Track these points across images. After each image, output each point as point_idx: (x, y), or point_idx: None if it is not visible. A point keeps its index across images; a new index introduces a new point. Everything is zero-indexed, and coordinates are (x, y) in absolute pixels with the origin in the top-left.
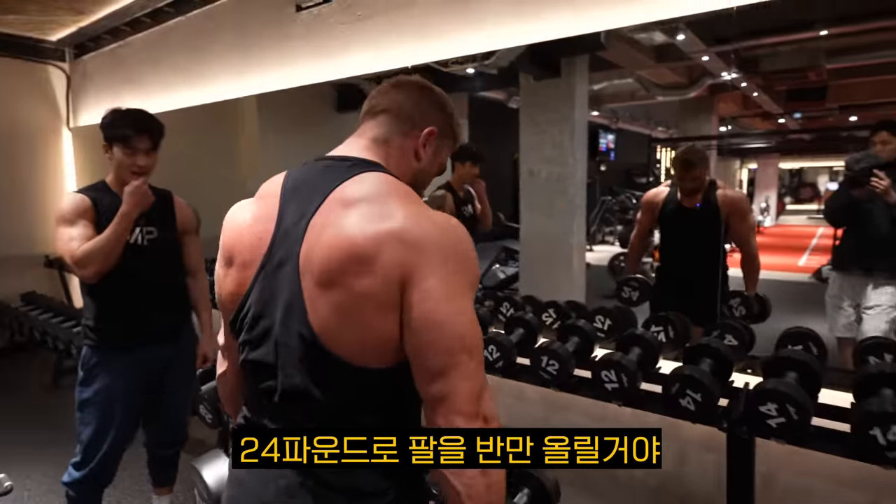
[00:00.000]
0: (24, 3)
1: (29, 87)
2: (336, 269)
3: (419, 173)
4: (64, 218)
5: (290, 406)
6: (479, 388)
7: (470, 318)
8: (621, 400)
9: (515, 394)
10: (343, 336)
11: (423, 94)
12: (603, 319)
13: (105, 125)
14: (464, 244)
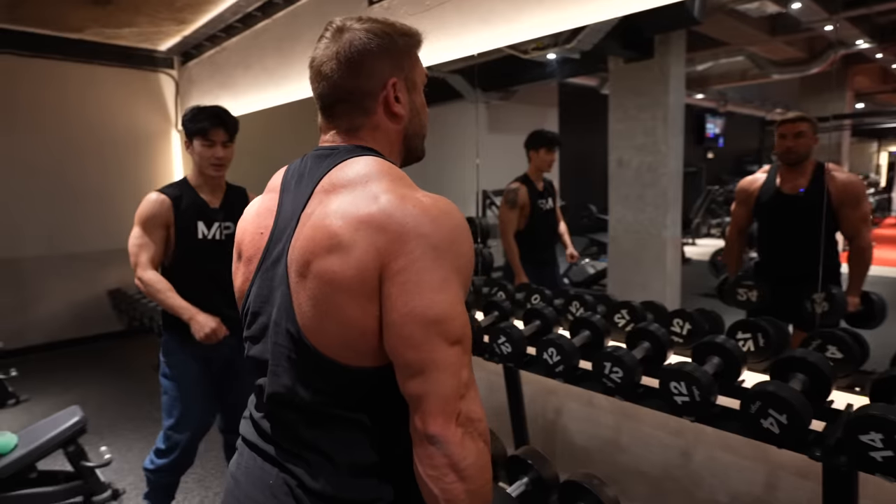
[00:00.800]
0: (136, 16)
1: (143, 93)
2: (311, 258)
3: (408, 129)
4: (142, 220)
5: (279, 405)
6: (460, 387)
7: (452, 307)
8: (692, 416)
9: (584, 399)
10: (323, 331)
11: (350, 56)
12: (681, 323)
13: (185, 122)
14: (452, 229)
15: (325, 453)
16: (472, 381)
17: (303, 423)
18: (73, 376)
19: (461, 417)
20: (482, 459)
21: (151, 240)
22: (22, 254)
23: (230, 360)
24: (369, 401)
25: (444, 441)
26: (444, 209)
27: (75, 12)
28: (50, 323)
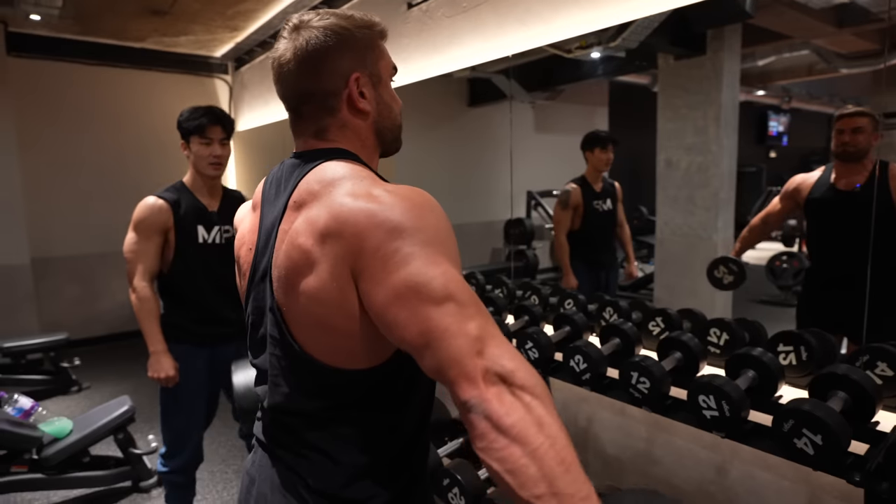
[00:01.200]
0: (191, 25)
1: (200, 98)
2: (293, 277)
3: (377, 123)
4: (139, 226)
5: (281, 412)
6: (471, 342)
7: (423, 272)
8: (722, 431)
9: (617, 409)
10: (315, 339)
11: (309, 55)
12: (718, 333)
13: (181, 122)
14: (408, 209)
15: (326, 453)
16: (487, 332)
17: (304, 427)
18: (130, 367)
19: (489, 374)
20: (535, 412)
21: (148, 247)
22: (89, 251)
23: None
24: (365, 402)
25: (477, 403)
26: (401, 194)
27: (137, 23)
28: (111, 316)
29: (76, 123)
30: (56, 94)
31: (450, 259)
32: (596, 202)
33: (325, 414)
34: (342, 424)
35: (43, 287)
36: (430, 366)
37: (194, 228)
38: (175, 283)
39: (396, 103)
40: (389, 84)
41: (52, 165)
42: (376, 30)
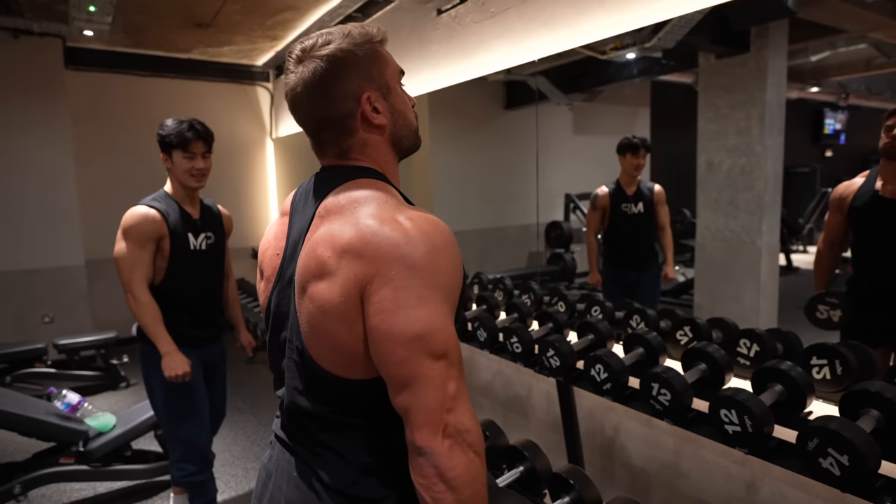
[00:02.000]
0: (234, 36)
1: (243, 105)
2: (306, 282)
3: (394, 133)
4: (133, 236)
5: (296, 413)
6: (446, 400)
7: (432, 323)
8: (744, 447)
9: (643, 420)
10: (320, 348)
11: (318, 85)
12: (749, 344)
13: (163, 135)
14: (429, 248)
15: (337, 452)
16: (460, 393)
17: (316, 428)
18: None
19: (449, 429)
20: (472, 469)
21: (143, 255)
22: None
23: (215, 363)
24: (371, 408)
25: (431, 452)
26: (423, 229)
27: (183, 35)
28: None
29: (128, 131)
30: (109, 103)
31: (451, 310)
32: (624, 205)
33: (333, 417)
34: (349, 428)
35: (96, 287)
36: (400, 403)
37: (185, 236)
38: (169, 290)
39: (408, 106)
40: (399, 89)
41: (106, 171)
42: (376, 41)
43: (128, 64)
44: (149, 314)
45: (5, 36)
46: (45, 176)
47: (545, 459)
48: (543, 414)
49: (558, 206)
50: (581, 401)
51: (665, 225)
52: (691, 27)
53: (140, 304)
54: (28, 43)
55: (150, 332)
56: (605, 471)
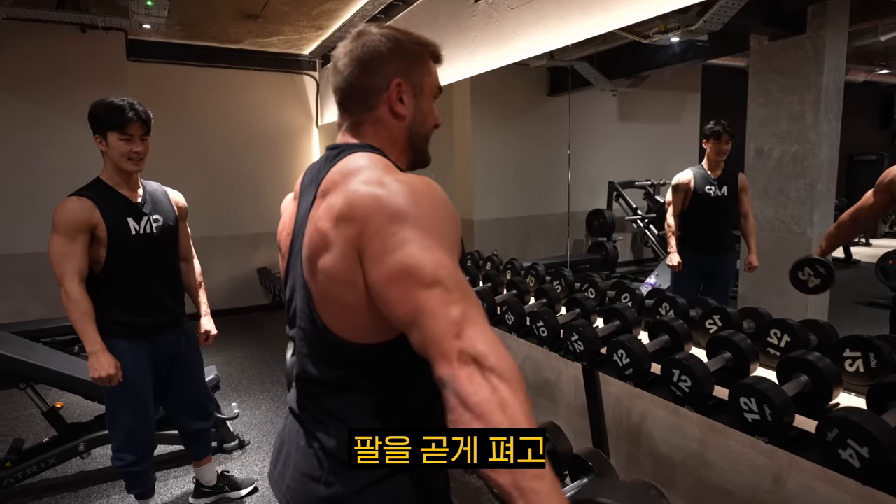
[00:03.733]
0: (281, 26)
1: (290, 94)
2: (314, 257)
3: (411, 128)
4: (63, 227)
5: (306, 380)
6: (451, 326)
7: (417, 256)
8: (764, 436)
9: (670, 407)
10: (332, 314)
11: (361, 56)
12: (779, 334)
13: (97, 116)
14: (412, 196)
15: (340, 419)
16: (468, 317)
17: (324, 394)
18: (225, 341)
19: (463, 355)
20: (499, 396)
21: (75, 247)
22: (195, 233)
23: (175, 353)
24: (378, 373)
25: (449, 380)
26: (407, 182)
27: (234, 26)
28: (211, 294)
29: (184, 119)
30: (167, 93)
31: (443, 246)
32: (708, 187)
33: (341, 382)
34: (355, 392)
35: None
36: (416, 342)
37: (124, 221)
38: (110, 279)
39: (432, 115)
40: (430, 100)
41: (166, 157)
42: (429, 49)
43: (183, 55)
44: (78, 310)
45: (74, 31)
46: None
47: (567, 442)
48: (572, 399)
49: (602, 194)
50: (609, 387)
51: (748, 212)
52: (740, 8)
53: (70, 300)
54: (94, 37)
55: (77, 328)
56: (631, 457)
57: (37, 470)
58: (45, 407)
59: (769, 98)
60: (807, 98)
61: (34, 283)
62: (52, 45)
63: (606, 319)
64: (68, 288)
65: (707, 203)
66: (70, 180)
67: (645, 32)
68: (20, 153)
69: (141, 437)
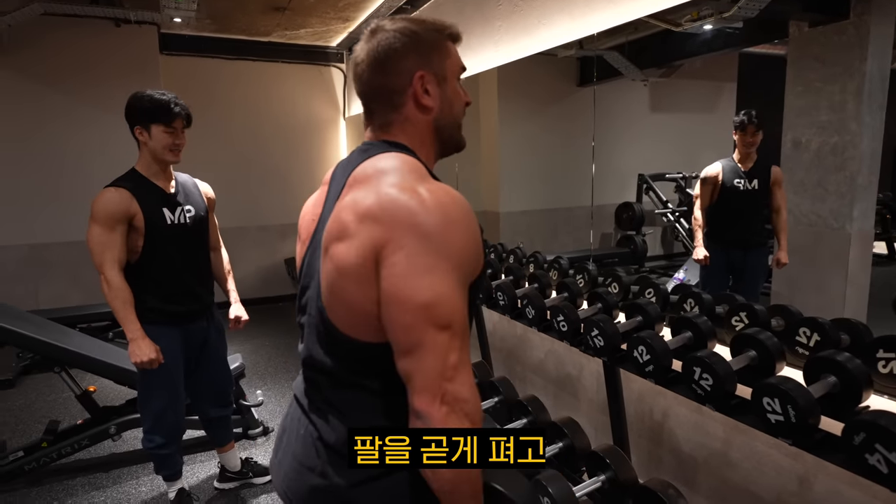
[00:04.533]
0: (308, 18)
1: (318, 86)
2: (328, 243)
3: (438, 120)
4: (103, 217)
5: (310, 368)
6: (447, 369)
7: (440, 293)
8: (788, 438)
9: (693, 406)
10: (336, 309)
11: (378, 56)
12: (808, 333)
13: (143, 108)
14: (444, 219)
15: (340, 412)
16: (462, 364)
17: (326, 385)
18: (253, 329)
19: (447, 397)
20: None
21: (114, 237)
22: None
23: (204, 341)
24: (380, 370)
25: (427, 416)
26: (440, 200)
27: (263, 19)
28: (240, 283)
29: (214, 111)
30: (198, 86)
31: (462, 281)
32: (737, 180)
33: (343, 375)
34: (357, 387)
35: None
36: (403, 366)
37: (160, 211)
38: (146, 268)
39: (459, 100)
40: (455, 82)
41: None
42: (445, 33)
43: (214, 48)
44: (119, 297)
45: (108, 25)
46: None
47: (585, 438)
48: (593, 394)
49: (631, 187)
50: (631, 384)
51: (781, 207)
52: None
53: (111, 288)
54: (128, 31)
55: (119, 316)
56: (652, 455)
57: (71, 451)
58: (79, 390)
59: (808, 87)
60: (849, 87)
61: (75, 270)
62: (88, 40)
63: (628, 315)
64: (109, 276)
65: (736, 197)
66: (105, 171)
67: (676, 20)
68: (57, 144)
69: (171, 421)
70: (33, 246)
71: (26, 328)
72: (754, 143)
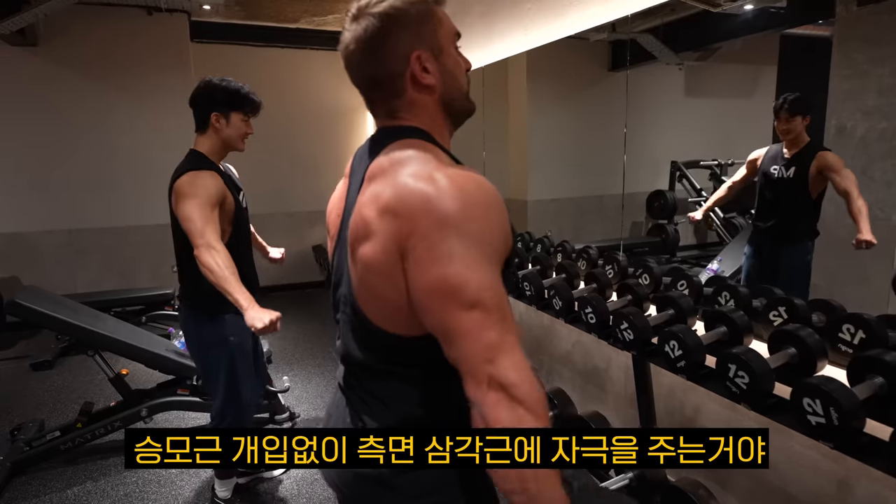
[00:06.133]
0: (336, 4)
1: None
2: (355, 244)
3: (444, 95)
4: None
5: (348, 359)
6: (485, 350)
7: (463, 274)
8: (829, 441)
9: (726, 403)
10: (369, 304)
11: (367, 43)
12: (853, 330)
13: (225, 93)
14: (463, 201)
15: (383, 402)
16: (503, 344)
17: (366, 376)
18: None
19: (492, 382)
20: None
21: (214, 216)
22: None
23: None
24: (417, 362)
25: (479, 404)
26: (458, 184)
27: (291, 5)
28: (268, 269)
29: None
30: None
31: (489, 260)
32: (774, 167)
33: (380, 367)
34: (397, 378)
35: None
36: (448, 355)
37: (238, 195)
38: (235, 253)
39: (460, 68)
40: (451, 51)
41: None
42: (430, 1)
43: (243, 35)
44: (229, 267)
45: (140, 13)
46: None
47: None
48: (621, 387)
49: (664, 175)
50: (661, 378)
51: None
52: None
53: (223, 256)
54: (159, 19)
55: (229, 285)
56: None
57: (104, 432)
58: (112, 373)
59: (855, 70)
60: None
61: (110, 255)
62: (120, 28)
63: (660, 307)
64: (218, 246)
65: (769, 184)
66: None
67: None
68: (92, 132)
69: (250, 406)
70: (70, 231)
71: (62, 313)
72: (790, 129)
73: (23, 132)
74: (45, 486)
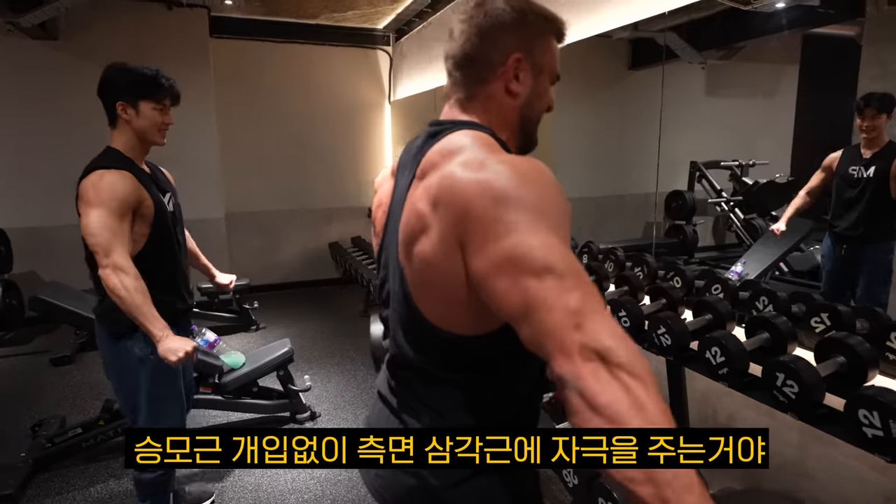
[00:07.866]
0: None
1: (364, 69)
2: (411, 241)
3: (524, 109)
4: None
5: (397, 364)
6: (569, 316)
7: (525, 242)
8: (887, 456)
9: (764, 409)
10: (427, 301)
11: (481, 24)
12: None
13: (129, 81)
14: (517, 178)
15: (437, 410)
16: (587, 306)
17: (416, 381)
18: (298, 312)
19: (585, 350)
20: (633, 394)
21: (123, 226)
22: (272, 207)
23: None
24: (472, 367)
25: (571, 379)
26: (511, 163)
27: (311, 1)
28: (286, 266)
29: (262, 94)
30: (246, 68)
31: (553, 229)
32: (852, 168)
33: (434, 370)
34: (449, 383)
35: (233, 238)
36: (527, 337)
37: (161, 198)
38: (153, 259)
39: (544, 100)
40: (546, 82)
41: (244, 132)
42: (554, 26)
43: (262, 31)
44: (139, 290)
45: (160, 8)
46: (191, 137)
47: None
48: None
49: (682, 175)
50: (694, 383)
51: None
52: None
53: (130, 278)
54: (179, 14)
55: (141, 312)
56: None
57: None
58: None
59: (885, 70)
60: None
61: None
62: (140, 23)
63: (696, 312)
64: (125, 266)
65: (847, 185)
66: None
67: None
68: None
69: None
70: None
71: (84, 308)
72: (874, 127)
73: (41, 126)
74: (67, 483)
